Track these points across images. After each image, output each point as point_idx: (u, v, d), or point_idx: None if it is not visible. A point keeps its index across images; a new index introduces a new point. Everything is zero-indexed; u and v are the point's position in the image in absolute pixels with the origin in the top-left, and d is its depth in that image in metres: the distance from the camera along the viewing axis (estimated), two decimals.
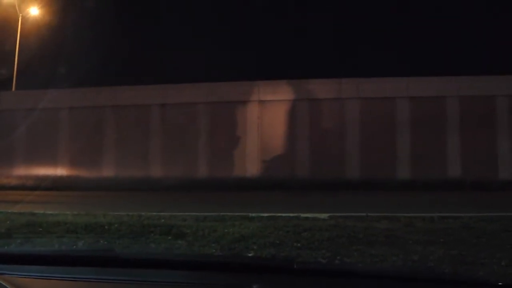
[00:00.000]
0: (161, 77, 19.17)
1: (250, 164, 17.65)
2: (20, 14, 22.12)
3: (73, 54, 20.10)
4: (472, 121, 16.61)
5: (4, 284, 1.22)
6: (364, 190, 13.77)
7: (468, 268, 4.08)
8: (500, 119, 16.73)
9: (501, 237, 5.48)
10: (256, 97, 18.05)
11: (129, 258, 1.62)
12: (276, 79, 18.09)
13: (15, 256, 1.60)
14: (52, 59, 21.00)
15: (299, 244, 5.14)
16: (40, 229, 6.02)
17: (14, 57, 21.80)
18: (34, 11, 22.70)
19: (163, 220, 6.71)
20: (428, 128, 16.83)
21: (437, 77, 17.05)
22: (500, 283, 1.35)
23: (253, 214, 7.18)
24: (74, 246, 4.67)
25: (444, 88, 16.94)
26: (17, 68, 21.88)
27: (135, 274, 1.40)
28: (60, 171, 18.23)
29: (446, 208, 8.46)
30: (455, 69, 17.08)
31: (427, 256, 4.53)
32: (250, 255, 4.57)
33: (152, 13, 26.47)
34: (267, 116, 17.93)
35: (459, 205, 9.10)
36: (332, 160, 16.93)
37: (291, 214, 7.24)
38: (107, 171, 17.83)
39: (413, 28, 22.54)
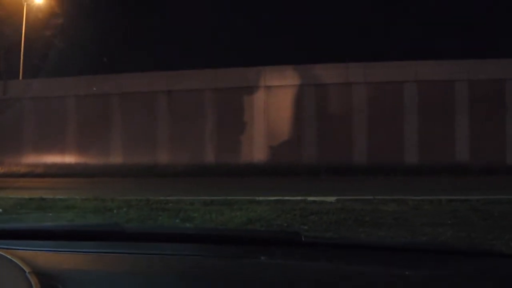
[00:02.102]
0: (167, 64, 19.15)
1: (257, 149, 17.66)
2: (25, 2, 22.07)
3: (78, 41, 20.07)
4: (481, 105, 16.45)
5: (12, 259, 1.23)
6: (371, 174, 13.72)
7: None
8: (509, 103, 16.57)
9: (509, 219, 5.46)
10: (262, 82, 17.99)
11: (135, 232, 1.63)
12: (282, 64, 18.00)
13: (24, 232, 1.61)
14: (57, 47, 20.98)
15: (306, 227, 5.16)
16: (50, 213, 6.08)
17: (20, 45, 21.83)
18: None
19: (170, 204, 6.73)
20: (436, 112, 16.72)
21: (446, 61, 16.87)
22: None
23: (260, 198, 7.17)
24: None
25: (452, 72, 16.76)
26: (23, 56, 21.92)
27: (141, 248, 1.41)
28: (68, 159, 18.38)
29: (454, 191, 8.43)
30: (464, 53, 16.87)
31: (435, 237, 4.53)
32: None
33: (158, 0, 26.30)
34: (273, 101, 17.88)
35: (467, 189, 9.06)
36: (339, 145, 16.89)
37: (298, 198, 7.24)
38: (115, 158, 17.94)
39: (420, 11, 22.24)
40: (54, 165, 17.46)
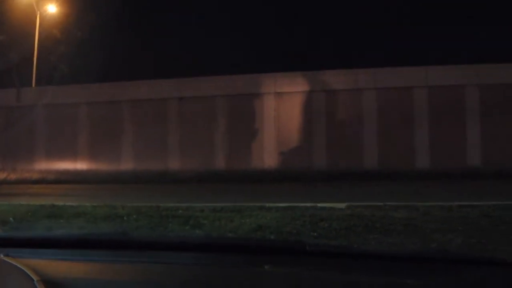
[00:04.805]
0: (178, 71, 19.28)
1: (267, 156, 17.66)
2: (38, 12, 22.42)
3: (90, 50, 20.32)
4: (492, 109, 16.29)
5: (21, 267, 1.26)
6: (382, 180, 13.64)
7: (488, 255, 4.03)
8: None
9: None
10: (273, 89, 18.01)
11: (143, 241, 1.65)
12: (292, 71, 18.02)
13: (33, 240, 1.64)
14: (70, 55, 21.27)
15: (316, 234, 5.13)
16: (61, 220, 6.14)
17: (33, 54, 22.13)
18: (52, 9, 23.01)
19: (180, 211, 6.75)
20: (447, 117, 16.58)
21: (456, 66, 16.76)
22: None
23: (270, 205, 7.16)
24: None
25: (463, 77, 16.64)
26: (36, 64, 22.21)
27: (149, 256, 1.43)
28: (79, 165, 18.54)
29: (465, 197, 8.34)
30: (474, 57, 16.76)
31: (445, 244, 4.48)
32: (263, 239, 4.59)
33: (168, 7, 26.58)
34: (283, 108, 17.89)
35: (478, 194, 8.95)
36: (350, 150, 16.83)
37: (308, 204, 7.21)
38: (126, 165, 18.05)
39: (430, 16, 22.16)
40: (66, 172, 17.62)
